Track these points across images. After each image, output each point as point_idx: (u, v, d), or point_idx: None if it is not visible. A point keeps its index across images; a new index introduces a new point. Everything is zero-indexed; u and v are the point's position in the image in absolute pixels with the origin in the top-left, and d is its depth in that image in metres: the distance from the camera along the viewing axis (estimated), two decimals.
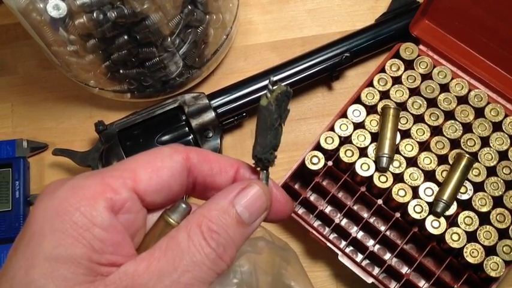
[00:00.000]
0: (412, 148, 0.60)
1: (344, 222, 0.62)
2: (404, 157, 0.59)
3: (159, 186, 0.31)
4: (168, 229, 0.31)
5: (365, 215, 0.60)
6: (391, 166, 0.59)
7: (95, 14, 0.53)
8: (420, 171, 0.59)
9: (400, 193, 0.58)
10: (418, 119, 0.62)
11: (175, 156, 0.32)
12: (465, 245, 0.56)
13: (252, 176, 0.35)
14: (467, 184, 0.58)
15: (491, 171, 0.59)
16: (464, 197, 0.58)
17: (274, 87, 0.33)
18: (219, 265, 0.29)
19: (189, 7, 0.59)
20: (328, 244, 0.59)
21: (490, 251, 0.56)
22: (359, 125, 0.61)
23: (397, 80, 0.63)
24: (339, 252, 0.58)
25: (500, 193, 0.58)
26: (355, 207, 0.61)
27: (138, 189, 0.30)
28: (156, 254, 0.29)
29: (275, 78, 0.34)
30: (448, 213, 0.57)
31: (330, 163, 0.61)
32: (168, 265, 0.28)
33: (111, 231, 0.29)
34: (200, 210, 0.31)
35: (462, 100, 0.62)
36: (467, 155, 0.58)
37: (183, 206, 0.31)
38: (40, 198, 0.30)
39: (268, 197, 0.32)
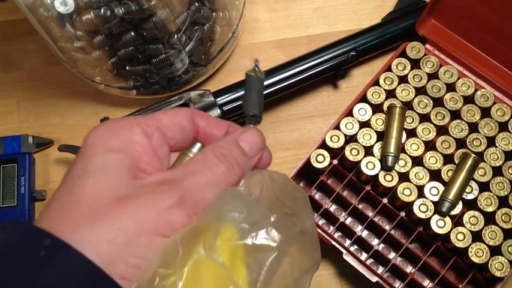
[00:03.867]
0: (418, 147, 0.60)
1: (349, 221, 0.62)
2: (410, 156, 0.59)
3: (176, 125, 0.39)
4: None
5: (370, 214, 0.60)
6: (396, 165, 0.59)
7: (102, 10, 0.53)
8: (426, 170, 0.59)
9: (405, 192, 0.58)
10: (424, 118, 0.61)
11: (184, 109, 0.41)
12: (470, 244, 0.56)
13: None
14: (473, 184, 0.58)
15: (497, 171, 0.59)
16: (470, 196, 0.58)
17: (259, 67, 0.45)
18: (229, 176, 0.36)
19: (196, 4, 0.59)
20: (333, 243, 0.59)
21: (495, 251, 0.56)
22: (365, 124, 0.61)
23: (403, 79, 0.63)
24: (344, 251, 0.58)
25: (506, 193, 0.58)
26: (360, 206, 0.61)
27: (161, 127, 0.38)
28: (179, 168, 0.37)
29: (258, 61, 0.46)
30: (453, 212, 0.57)
31: (335, 162, 0.61)
32: (190, 171, 0.36)
33: (146, 148, 0.36)
34: (210, 145, 0.38)
35: (468, 100, 0.62)
36: (473, 155, 0.58)
37: (199, 144, 0.39)
38: (90, 131, 0.37)
39: (263, 138, 0.41)
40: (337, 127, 0.61)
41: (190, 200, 0.34)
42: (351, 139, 0.61)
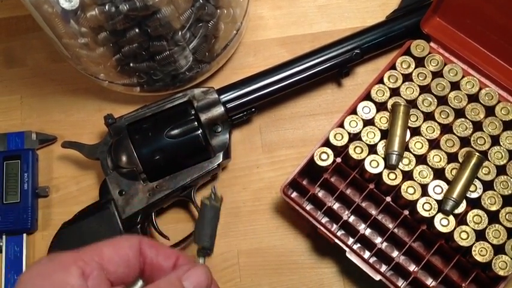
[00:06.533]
0: (422, 146, 0.60)
1: (352, 219, 0.62)
2: (414, 155, 0.59)
3: (120, 258, 0.39)
4: None
5: (373, 212, 0.60)
6: (400, 163, 0.59)
7: (107, 7, 0.53)
8: (430, 169, 0.59)
9: (409, 191, 0.58)
10: (428, 116, 0.61)
11: (131, 239, 0.40)
12: (474, 243, 0.56)
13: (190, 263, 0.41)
14: (477, 182, 0.58)
15: (501, 170, 0.59)
16: (474, 195, 0.58)
17: (216, 194, 0.45)
18: None
19: (201, 1, 0.59)
20: (336, 241, 0.59)
21: (499, 249, 0.56)
22: (369, 122, 0.61)
23: (407, 77, 0.63)
24: (347, 249, 0.58)
25: (510, 192, 0.57)
26: (363, 204, 0.61)
27: (103, 262, 0.38)
28: None
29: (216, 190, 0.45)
30: (457, 211, 0.57)
31: (338, 160, 0.61)
32: None
33: None
34: (151, 285, 0.38)
35: (473, 98, 0.62)
36: (477, 154, 0.58)
37: (141, 282, 0.39)
38: (26, 269, 0.37)
39: (209, 276, 0.40)
40: (341, 125, 0.61)
41: None
42: (354, 137, 0.61)
